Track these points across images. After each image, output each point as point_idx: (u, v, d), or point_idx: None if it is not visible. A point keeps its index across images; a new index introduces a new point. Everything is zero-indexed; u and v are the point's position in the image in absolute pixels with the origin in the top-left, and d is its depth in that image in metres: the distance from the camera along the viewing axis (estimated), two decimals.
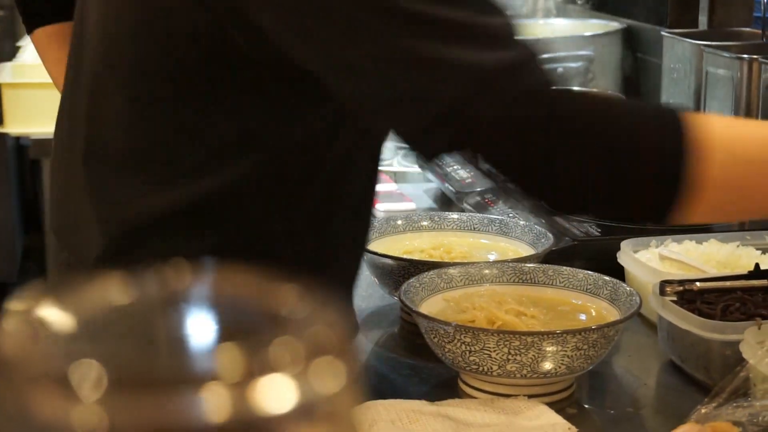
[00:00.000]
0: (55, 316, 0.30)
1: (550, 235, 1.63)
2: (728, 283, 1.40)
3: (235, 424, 0.27)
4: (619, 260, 1.57)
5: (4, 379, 0.27)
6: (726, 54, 2.18)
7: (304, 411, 0.28)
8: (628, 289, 1.36)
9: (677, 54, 2.35)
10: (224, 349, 0.28)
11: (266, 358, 0.28)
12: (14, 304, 0.29)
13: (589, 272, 1.42)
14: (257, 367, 0.28)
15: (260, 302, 0.31)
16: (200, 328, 0.30)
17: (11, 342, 0.27)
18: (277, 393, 0.28)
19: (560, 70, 2.61)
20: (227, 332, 0.30)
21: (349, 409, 0.29)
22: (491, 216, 1.75)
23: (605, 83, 2.61)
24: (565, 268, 1.45)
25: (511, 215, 1.81)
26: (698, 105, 2.27)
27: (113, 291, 0.30)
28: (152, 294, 0.31)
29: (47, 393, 0.27)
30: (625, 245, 1.59)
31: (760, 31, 2.32)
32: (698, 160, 1.00)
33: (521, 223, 1.69)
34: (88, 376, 0.27)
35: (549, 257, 1.58)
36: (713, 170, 1.01)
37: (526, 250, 1.62)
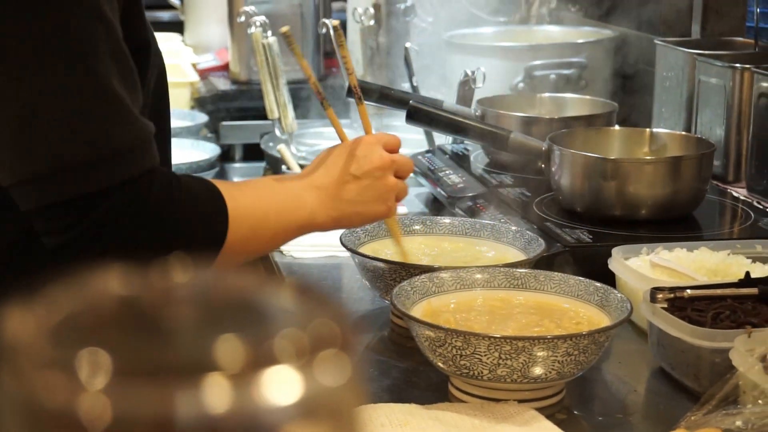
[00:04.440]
0: (61, 305, 0.30)
1: (542, 240, 1.63)
2: (719, 291, 1.40)
3: (239, 414, 0.27)
4: (610, 267, 1.58)
5: (10, 366, 0.27)
6: (718, 63, 2.19)
7: (308, 403, 0.28)
8: (619, 295, 1.37)
9: (670, 62, 2.36)
10: (229, 340, 0.28)
11: (270, 349, 0.28)
12: (21, 294, 0.29)
13: (580, 278, 1.42)
14: (261, 358, 0.28)
15: (264, 295, 0.31)
16: (204, 320, 0.31)
17: (17, 330, 0.28)
18: (280, 384, 0.28)
19: (553, 77, 2.62)
20: (232, 324, 0.30)
21: (351, 401, 0.29)
22: (483, 221, 1.75)
23: (597, 91, 2.62)
24: (556, 273, 1.45)
25: (502, 220, 1.81)
26: (690, 113, 2.28)
27: (118, 283, 0.30)
28: (157, 286, 0.31)
29: (52, 381, 0.27)
30: (617, 252, 1.59)
31: (752, 41, 2.33)
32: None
33: (513, 228, 1.70)
34: (93, 365, 0.27)
35: (540, 263, 1.58)
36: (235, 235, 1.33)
37: (517, 256, 1.62)
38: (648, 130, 2.06)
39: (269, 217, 1.37)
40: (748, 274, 1.46)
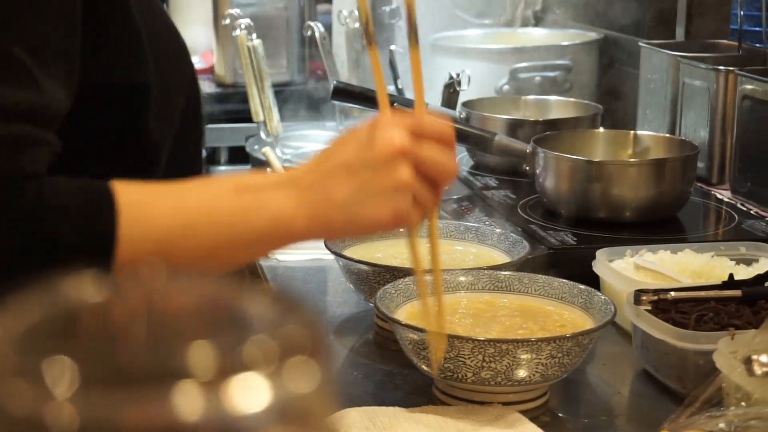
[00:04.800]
0: (29, 312, 0.29)
1: (526, 243, 1.63)
2: (702, 293, 1.41)
3: (209, 422, 0.27)
4: (594, 269, 1.58)
5: None
6: (702, 65, 2.19)
7: (277, 410, 0.28)
8: (602, 297, 1.37)
9: (654, 65, 2.36)
10: (198, 347, 0.28)
11: (240, 357, 0.28)
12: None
13: (564, 281, 1.42)
14: (231, 365, 0.28)
15: (234, 301, 0.31)
16: (174, 326, 0.30)
17: None
18: (250, 392, 0.28)
19: (537, 79, 2.62)
20: (201, 331, 0.30)
21: (322, 408, 0.29)
22: (467, 223, 1.75)
23: (582, 93, 2.62)
24: (540, 276, 1.45)
25: (487, 223, 1.81)
26: (674, 116, 2.28)
27: (88, 289, 0.30)
28: (127, 293, 0.31)
29: (20, 389, 0.27)
30: (601, 254, 1.59)
31: (736, 43, 2.34)
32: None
33: (497, 230, 1.70)
34: (61, 373, 0.27)
35: (525, 265, 1.58)
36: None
37: (501, 258, 1.62)
38: (632, 132, 2.07)
39: (198, 227, 1.06)
40: (731, 276, 1.46)
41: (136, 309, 0.30)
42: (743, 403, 1.16)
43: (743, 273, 1.54)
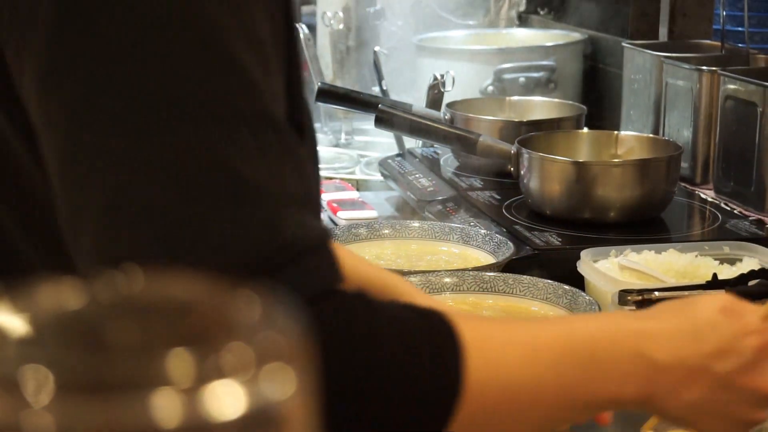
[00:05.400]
0: (4, 319, 0.29)
1: (511, 244, 1.63)
2: (686, 293, 1.41)
3: (185, 430, 0.27)
4: (579, 269, 1.58)
5: None
6: (685, 65, 2.20)
7: (254, 417, 0.28)
8: (587, 298, 1.37)
9: (638, 65, 2.37)
10: (174, 354, 0.28)
11: (216, 363, 0.28)
12: None
13: (549, 281, 1.42)
14: (207, 372, 0.28)
15: (211, 307, 0.31)
16: (150, 333, 0.30)
17: None
18: (226, 399, 0.28)
19: (522, 80, 2.63)
20: (177, 337, 0.30)
21: (300, 415, 0.29)
22: (452, 225, 1.76)
23: (566, 94, 2.63)
24: (525, 277, 1.45)
25: (472, 224, 1.81)
26: (658, 116, 2.29)
27: (64, 295, 0.30)
28: (103, 298, 0.31)
29: None
30: (585, 255, 1.59)
31: (719, 43, 2.35)
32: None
33: (482, 231, 1.70)
34: (37, 381, 0.27)
35: (509, 266, 1.58)
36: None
37: (486, 259, 1.62)
38: (616, 132, 2.07)
39: (544, 387, 0.89)
40: (715, 275, 1.47)
41: (112, 315, 0.30)
42: None
43: (727, 273, 1.54)
